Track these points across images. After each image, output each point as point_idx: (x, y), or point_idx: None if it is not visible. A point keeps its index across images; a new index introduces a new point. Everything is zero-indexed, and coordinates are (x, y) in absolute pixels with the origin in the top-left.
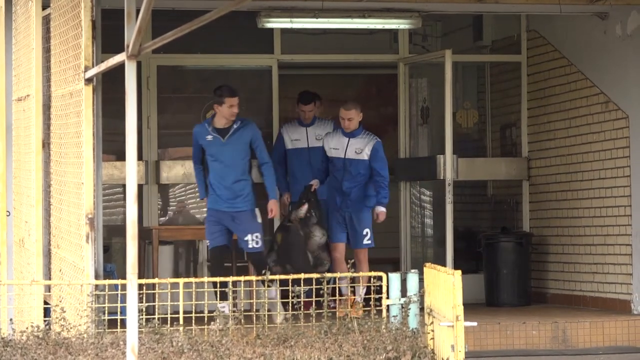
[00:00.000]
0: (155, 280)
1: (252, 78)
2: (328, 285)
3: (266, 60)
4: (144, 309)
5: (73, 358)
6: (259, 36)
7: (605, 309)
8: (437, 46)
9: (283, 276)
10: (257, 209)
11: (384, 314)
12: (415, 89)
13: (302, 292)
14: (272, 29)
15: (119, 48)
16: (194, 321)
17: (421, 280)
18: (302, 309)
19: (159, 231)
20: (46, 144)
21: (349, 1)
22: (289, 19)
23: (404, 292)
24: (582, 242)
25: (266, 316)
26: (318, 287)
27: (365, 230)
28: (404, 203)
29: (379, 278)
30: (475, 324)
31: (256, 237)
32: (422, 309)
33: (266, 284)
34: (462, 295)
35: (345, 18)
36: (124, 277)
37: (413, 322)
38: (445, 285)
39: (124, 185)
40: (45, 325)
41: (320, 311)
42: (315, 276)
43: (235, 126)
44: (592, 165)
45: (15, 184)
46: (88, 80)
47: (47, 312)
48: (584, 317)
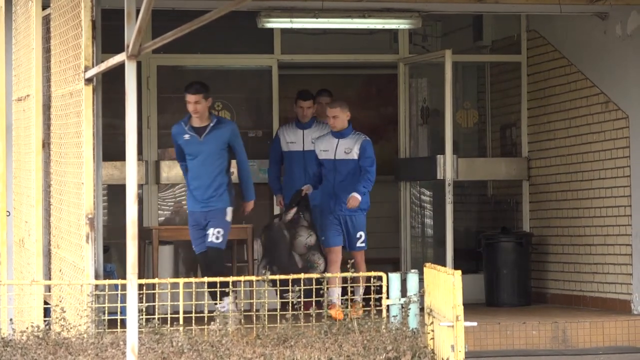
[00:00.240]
0: (155, 280)
1: (252, 78)
2: (318, 286)
3: (266, 60)
4: (144, 309)
5: (73, 358)
6: (259, 36)
7: (605, 309)
8: (437, 46)
9: (283, 276)
10: (229, 208)
11: (384, 314)
12: (415, 89)
13: (290, 294)
14: (272, 29)
15: (119, 48)
16: (194, 321)
17: (421, 280)
18: (301, 309)
19: (159, 231)
20: (46, 144)
21: (349, 1)
22: (289, 19)
23: (404, 292)
24: (582, 242)
25: (266, 316)
26: (308, 287)
27: (359, 234)
28: (404, 203)
29: (379, 278)
30: (475, 324)
31: (218, 232)
32: (422, 309)
33: (252, 286)
34: (462, 295)
35: (345, 18)
36: (124, 277)
37: (413, 322)
38: (445, 285)
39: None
40: (45, 325)
41: (320, 311)
42: (315, 276)
43: (211, 124)
44: (592, 165)
45: (15, 184)
46: (88, 80)
47: (47, 312)
48: (584, 317)
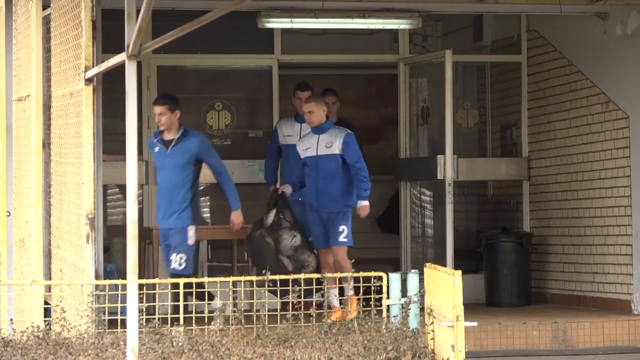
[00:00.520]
0: (156, 281)
1: (252, 78)
2: (318, 287)
3: (266, 60)
4: (144, 309)
5: (73, 358)
6: (259, 36)
7: (605, 309)
8: (437, 46)
9: (284, 276)
10: (192, 227)
11: (384, 314)
12: (415, 89)
13: (290, 295)
14: (272, 29)
15: (119, 48)
16: (194, 321)
17: (421, 281)
18: (301, 309)
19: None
20: (46, 144)
21: (349, 1)
22: (289, 19)
23: (404, 292)
24: (583, 242)
25: (266, 316)
26: (307, 288)
27: (342, 227)
28: (404, 203)
29: (379, 278)
30: (475, 324)
31: (180, 258)
32: (422, 309)
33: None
34: (462, 296)
35: (346, 18)
36: (124, 277)
37: (413, 322)
38: (445, 286)
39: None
40: (46, 326)
41: (321, 311)
42: (315, 276)
43: (177, 137)
44: (593, 165)
45: (15, 184)
46: (88, 80)
47: (47, 312)
48: (584, 317)
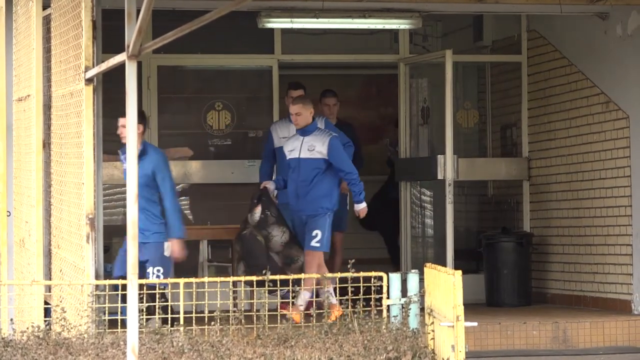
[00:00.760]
0: (156, 280)
1: (252, 78)
2: (285, 287)
3: (266, 60)
4: (144, 309)
5: (74, 358)
6: (259, 36)
7: (605, 309)
8: (438, 46)
9: (284, 276)
10: (167, 243)
11: (385, 314)
12: (415, 89)
13: (266, 294)
14: (272, 29)
15: (120, 48)
16: (194, 321)
17: (421, 281)
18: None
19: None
20: (46, 144)
21: (349, 1)
22: (289, 19)
23: (404, 292)
24: (583, 242)
25: (266, 316)
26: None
27: (315, 232)
28: (405, 203)
29: (380, 278)
30: (475, 324)
31: (158, 270)
32: (422, 309)
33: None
34: (463, 296)
35: (346, 18)
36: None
37: (413, 322)
38: (445, 286)
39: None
40: (46, 326)
41: (321, 311)
42: (315, 276)
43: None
44: (593, 165)
45: (15, 184)
46: (88, 81)
47: (47, 312)
48: (585, 317)
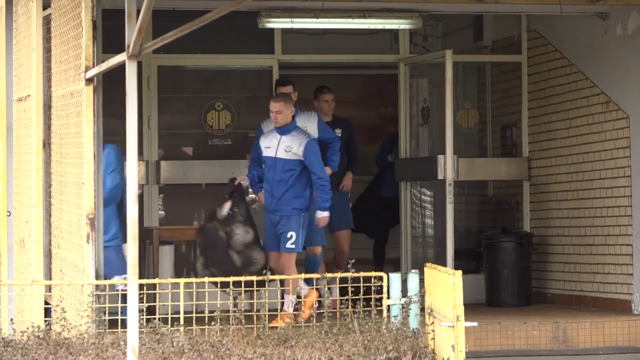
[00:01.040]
0: (156, 281)
1: (252, 78)
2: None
3: (266, 60)
4: (145, 309)
5: (74, 358)
6: (259, 36)
7: (605, 309)
8: (438, 46)
9: (284, 276)
10: (124, 245)
11: (385, 314)
12: (415, 89)
13: (231, 295)
14: (272, 29)
15: (120, 48)
16: (194, 321)
17: (422, 281)
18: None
19: (159, 231)
20: (47, 144)
21: (349, 1)
22: (289, 19)
23: (404, 292)
24: (583, 242)
25: (266, 316)
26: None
27: (290, 233)
28: (404, 203)
29: (380, 278)
30: (475, 324)
31: (124, 278)
32: (422, 309)
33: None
34: (463, 296)
35: (346, 18)
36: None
37: (414, 322)
38: (445, 286)
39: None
40: (46, 326)
41: (322, 311)
42: (315, 276)
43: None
44: (593, 165)
45: (15, 184)
46: (89, 81)
47: (47, 312)
48: (585, 317)
